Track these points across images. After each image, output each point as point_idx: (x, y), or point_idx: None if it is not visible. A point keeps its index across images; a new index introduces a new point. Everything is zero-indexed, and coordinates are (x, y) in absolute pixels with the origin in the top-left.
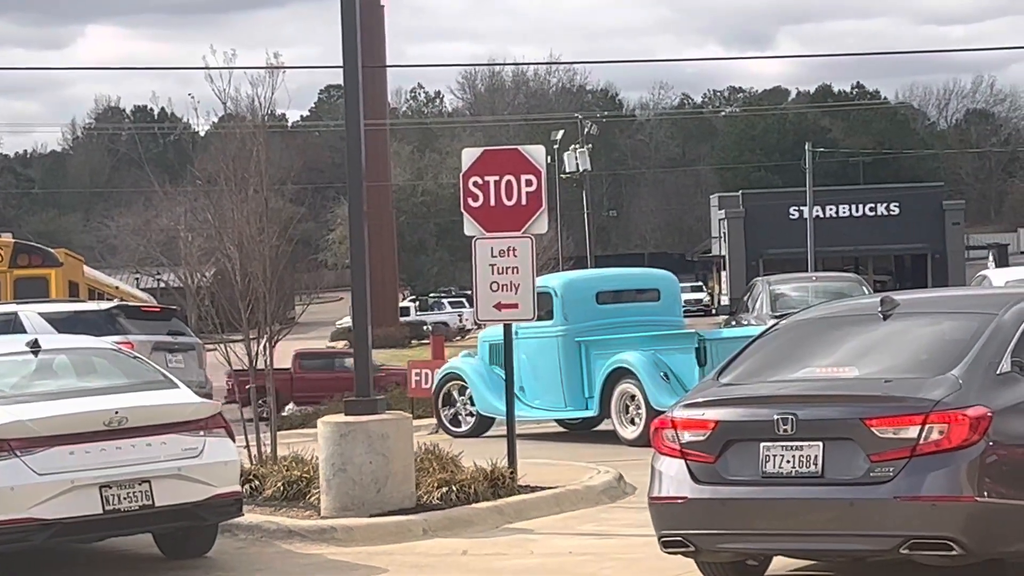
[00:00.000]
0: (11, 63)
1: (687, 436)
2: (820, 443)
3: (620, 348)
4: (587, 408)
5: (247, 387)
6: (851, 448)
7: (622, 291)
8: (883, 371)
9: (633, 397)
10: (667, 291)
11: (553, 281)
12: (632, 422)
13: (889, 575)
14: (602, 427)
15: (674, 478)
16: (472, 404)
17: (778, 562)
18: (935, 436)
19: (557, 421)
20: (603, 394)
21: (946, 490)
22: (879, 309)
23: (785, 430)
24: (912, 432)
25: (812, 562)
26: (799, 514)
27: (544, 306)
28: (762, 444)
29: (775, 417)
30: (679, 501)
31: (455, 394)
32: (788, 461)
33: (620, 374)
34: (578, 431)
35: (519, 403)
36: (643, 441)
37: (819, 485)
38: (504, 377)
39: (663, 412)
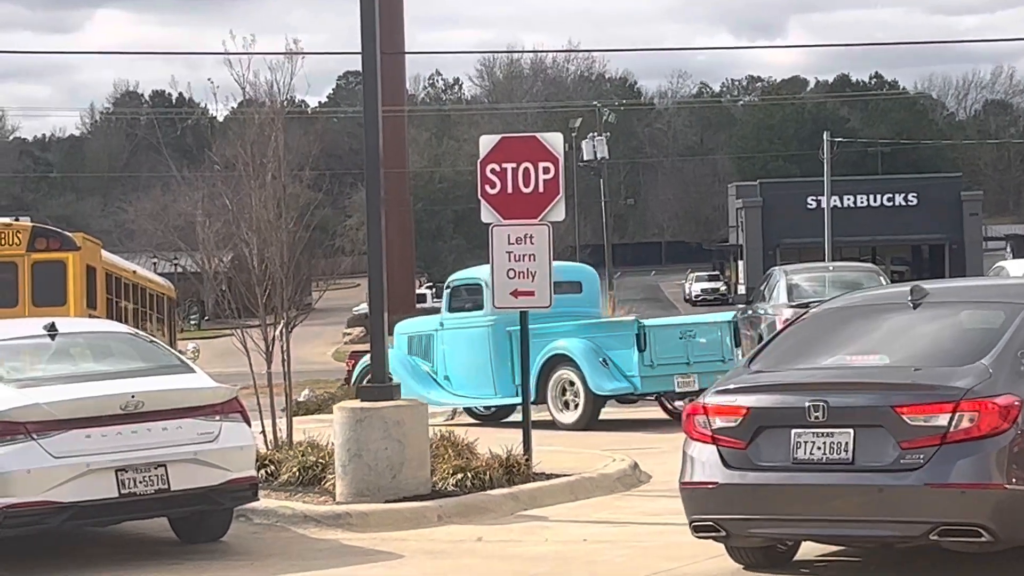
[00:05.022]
0: (20, 46)
1: (718, 422)
2: (851, 430)
3: (555, 336)
4: (517, 394)
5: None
6: (881, 435)
7: None
8: (913, 359)
9: (572, 383)
10: (588, 284)
11: (482, 272)
12: (568, 407)
13: (917, 561)
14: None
15: (705, 463)
16: None
17: (806, 547)
18: (965, 424)
19: (467, 411)
20: (538, 381)
21: (975, 477)
22: (909, 298)
23: (816, 417)
24: (942, 420)
25: (841, 548)
26: (829, 500)
27: (473, 296)
28: (793, 431)
29: (806, 404)
30: (710, 486)
31: None
32: (819, 448)
33: (556, 361)
34: (489, 422)
35: (443, 392)
36: (580, 426)
37: (849, 471)
38: (431, 367)
39: (602, 396)
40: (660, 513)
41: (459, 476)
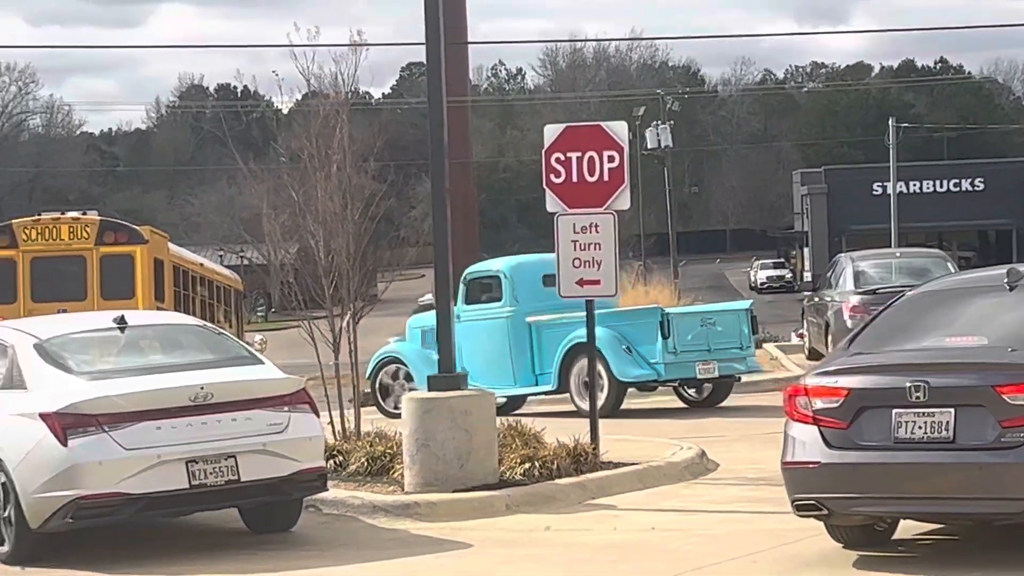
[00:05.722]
0: (85, 41)
1: (819, 403)
2: (951, 409)
3: (577, 325)
4: (537, 384)
5: None
6: (982, 414)
7: None
8: (1010, 340)
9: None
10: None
11: (500, 265)
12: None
13: (1016, 538)
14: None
15: (807, 443)
16: (410, 381)
17: (904, 525)
18: None
19: None
20: (561, 369)
21: None
22: (1005, 280)
23: (917, 397)
24: None
25: (939, 526)
26: (930, 478)
27: (492, 289)
28: (894, 411)
29: (907, 384)
30: (812, 466)
31: (389, 379)
32: (920, 427)
33: (580, 349)
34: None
35: None
36: (603, 412)
37: (950, 450)
38: None
39: (625, 383)
40: (728, 501)
41: (527, 465)
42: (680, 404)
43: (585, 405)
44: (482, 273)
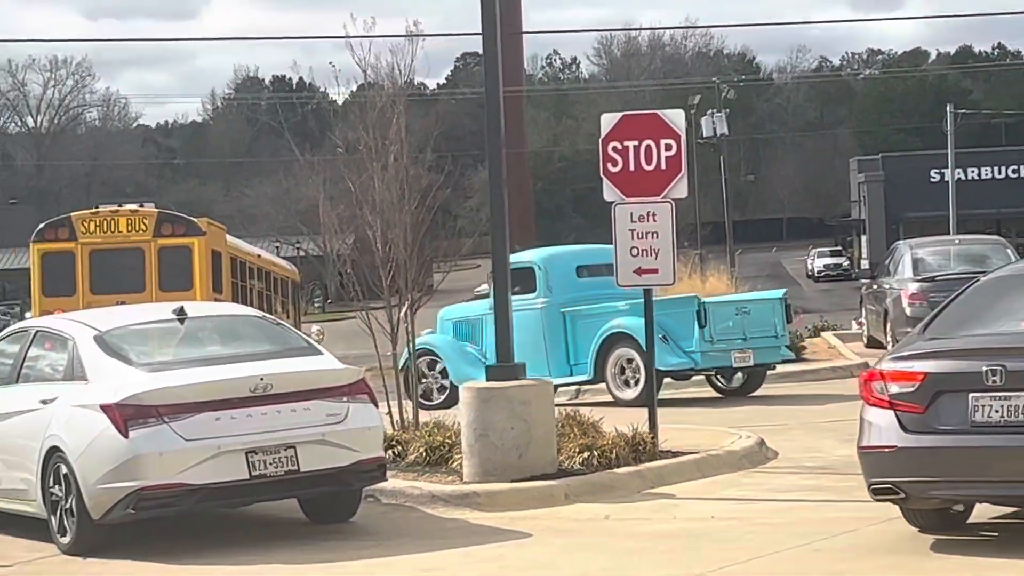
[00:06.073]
0: (141, 34)
1: (895, 388)
2: None
3: (613, 315)
4: (572, 374)
5: None
6: None
7: (598, 265)
8: None
9: (631, 360)
10: None
11: (533, 256)
12: (627, 383)
13: None
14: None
15: (883, 428)
16: (444, 377)
17: (979, 509)
18: None
19: None
20: (597, 359)
21: None
22: None
23: (994, 381)
24: None
25: (1015, 509)
26: (1007, 462)
27: (525, 279)
28: (971, 395)
29: (984, 368)
30: (888, 450)
31: (424, 369)
32: (997, 411)
33: (616, 339)
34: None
35: None
36: (640, 401)
37: None
38: (478, 351)
39: (663, 372)
40: (788, 490)
41: (585, 455)
42: (716, 393)
43: (623, 395)
44: (515, 265)
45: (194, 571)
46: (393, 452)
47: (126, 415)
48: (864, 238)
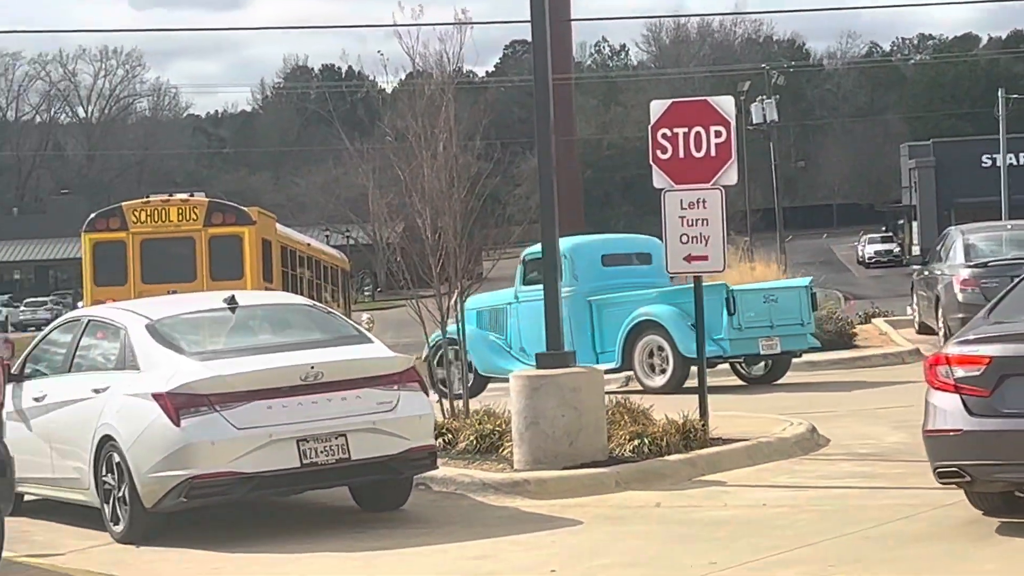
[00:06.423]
0: (190, 23)
1: (960, 372)
2: None
3: (640, 303)
4: (598, 362)
5: None
6: None
7: (622, 254)
8: None
9: (660, 348)
10: (658, 255)
11: (560, 245)
12: (655, 370)
13: None
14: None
15: (948, 412)
16: (468, 369)
17: None
18: None
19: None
20: (624, 347)
21: None
22: None
23: None
24: None
25: None
26: None
27: None
28: None
29: None
30: (954, 433)
31: (451, 357)
32: None
33: (643, 327)
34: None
35: (519, 363)
36: (668, 389)
37: None
38: (503, 340)
39: (691, 359)
40: (840, 477)
41: (636, 442)
42: (741, 381)
43: (652, 383)
44: (540, 254)
45: (246, 559)
46: (444, 440)
47: (178, 404)
48: (915, 224)
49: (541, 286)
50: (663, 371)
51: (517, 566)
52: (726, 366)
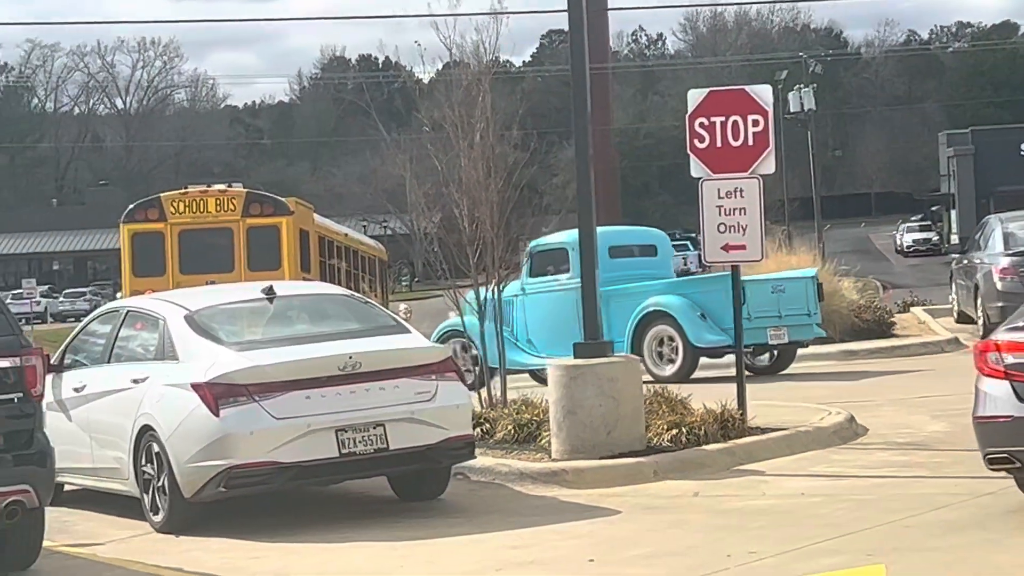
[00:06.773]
0: (228, 15)
1: (1011, 358)
2: None
3: (649, 293)
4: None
5: None
6: None
7: (628, 246)
8: None
9: (671, 338)
10: (663, 248)
11: (566, 237)
12: (664, 360)
13: None
14: None
15: (999, 398)
16: (475, 362)
17: None
18: None
19: (531, 374)
20: (634, 337)
21: None
22: None
23: None
24: None
25: None
26: None
27: (558, 261)
28: None
29: None
30: (1004, 420)
31: (458, 350)
32: None
33: (653, 317)
34: None
35: (525, 354)
36: (678, 378)
37: None
38: (508, 332)
39: (701, 349)
40: (878, 466)
41: (674, 432)
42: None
43: (660, 372)
44: (548, 246)
45: (285, 548)
46: (481, 430)
47: (217, 394)
48: (954, 212)
49: (548, 278)
50: (672, 361)
51: (555, 555)
52: (731, 356)
